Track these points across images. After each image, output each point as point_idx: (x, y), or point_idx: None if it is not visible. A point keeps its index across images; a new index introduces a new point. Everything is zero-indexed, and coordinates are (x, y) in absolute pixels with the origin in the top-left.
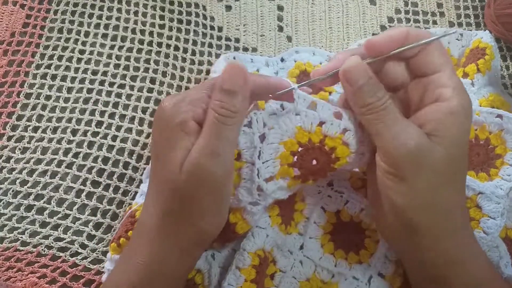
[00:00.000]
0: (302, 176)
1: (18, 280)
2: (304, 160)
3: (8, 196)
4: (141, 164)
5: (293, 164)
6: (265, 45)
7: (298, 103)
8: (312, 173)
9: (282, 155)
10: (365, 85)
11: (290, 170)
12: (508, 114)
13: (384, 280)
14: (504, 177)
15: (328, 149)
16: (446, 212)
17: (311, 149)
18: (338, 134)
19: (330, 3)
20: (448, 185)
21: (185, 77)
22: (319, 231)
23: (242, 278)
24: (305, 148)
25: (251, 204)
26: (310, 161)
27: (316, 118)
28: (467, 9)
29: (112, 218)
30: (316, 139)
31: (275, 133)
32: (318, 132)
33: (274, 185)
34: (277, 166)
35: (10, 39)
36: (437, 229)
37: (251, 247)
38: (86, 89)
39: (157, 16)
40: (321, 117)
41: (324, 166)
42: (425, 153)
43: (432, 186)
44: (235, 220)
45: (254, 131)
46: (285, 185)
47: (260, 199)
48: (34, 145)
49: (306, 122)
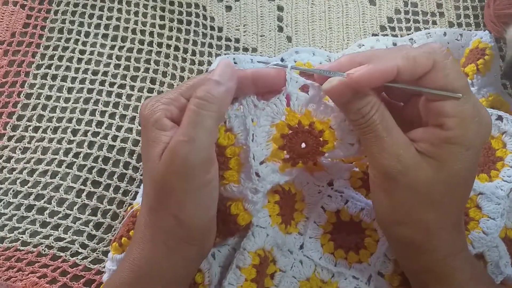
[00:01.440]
0: (291, 159)
1: (18, 280)
2: (293, 143)
3: (8, 196)
4: (141, 164)
5: (283, 147)
6: (265, 45)
7: (290, 85)
8: (301, 155)
9: (274, 138)
10: (348, 103)
11: (280, 153)
12: (507, 115)
13: (384, 279)
14: (505, 178)
15: (317, 132)
16: (422, 231)
17: (300, 132)
18: (326, 119)
19: (330, 3)
20: (427, 206)
21: (185, 77)
22: (319, 230)
23: (242, 277)
24: (295, 131)
25: (251, 192)
26: (299, 144)
27: (306, 101)
28: (466, 9)
29: (112, 218)
30: (306, 121)
31: (266, 116)
32: (308, 114)
33: (266, 168)
34: (269, 149)
35: (11, 39)
36: (415, 244)
37: (252, 247)
38: (86, 89)
39: (157, 16)
40: (311, 99)
41: (313, 149)
42: (404, 173)
43: (406, 205)
44: (237, 211)
45: (245, 114)
46: (277, 168)
47: (258, 185)
48: (35, 145)
49: (296, 104)
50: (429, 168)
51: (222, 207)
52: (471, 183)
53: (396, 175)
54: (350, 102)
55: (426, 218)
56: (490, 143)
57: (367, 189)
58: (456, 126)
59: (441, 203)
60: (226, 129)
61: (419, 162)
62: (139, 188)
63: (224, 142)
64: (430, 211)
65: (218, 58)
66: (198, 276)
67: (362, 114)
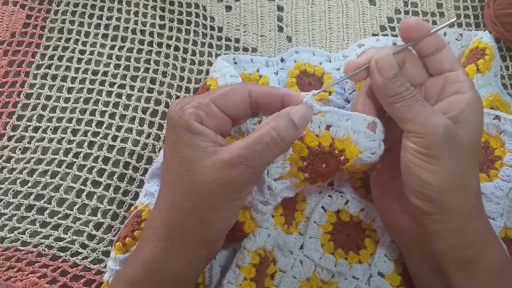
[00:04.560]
0: (311, 179)
1: (18, 280)
2: (314, 165)
3: (8, 196)
4: (141, 164)
5: (303, 169)
6: (265, 45)
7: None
8: (321, 175)
9: (291, 158)
10: (395, 76)
11: (300, 174)
12: (505, 115)
13: (384, 279)
14: (504, 178)
15: (337, 152)
16: (473, 194)
17: (321, 154)
18: (346, 136)
19: (330, 3)
20: (473, 168)
21: (185, 77)
22: (319, 230)
23: (241, 276)
24: (315, 153)
25: (262, 203)
26: (320, 165)
27: (323, 122)
28: (466, 9)
29: (112, 218)
30: (326, 142)
31: None
32: (326, 135)
33: (282, 184)
34: (286, 167)
35: (11, 39)
36: (465, 210)
37: (252, 246)
38: (86, 89)
39: (157, 16)
40: (328, 121)
41: (333, 168)
42: (455, 136)
43: (462, 168)
44: (243, 219)
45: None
46: (293, 185)
47: (270, 198)
48: (35, 145)
49: (314, 126)
50: (465, 132)
51: None
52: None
53: (453, 135)
54: (396, 75)
55: (475, 180)
56: (488, 142)
57: (367, 189)
58: (470, 89)
59: (477, 165)
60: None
61: (456, 128)
62: (139, 188)
63: None
64: (475, 174)
65: (219, 58)
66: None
67: (406, 87)
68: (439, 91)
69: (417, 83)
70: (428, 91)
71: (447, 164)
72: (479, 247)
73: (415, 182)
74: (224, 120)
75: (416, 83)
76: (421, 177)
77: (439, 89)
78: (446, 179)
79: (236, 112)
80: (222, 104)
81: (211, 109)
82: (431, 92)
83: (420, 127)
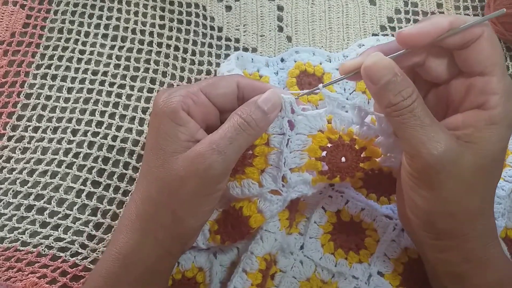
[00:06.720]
0: (329, 172)
1: (18, 280)
2: (333, 155)
3: (8, 196)
4: (141, 164)
5: (322, 158)
6: (265, 45)
7: (330, 104)
8: (340, 170)
9: (310, 148)
10: (388, 83)
11: (318, 163)
12: None
13: (383, 279)
14: (506, 178)
15: (358, 148)
16: (468, 219)
17: (341, 146)
18: (369, 139)
19: (330, 3)
20: (473, 194)
21: (185, 77)
22: (319, 231)
23: (248, 282)
24: (335, 145)
25: (271, 192)
26: (339, 158)
27: (349, 121)
28: (467, 9)
29: (112, 218)
30: (347, 138)
31: (305, 124)
32: (350, 133)
33: (298, 177)
34: (304, 158)
35: (10, 39)
36: (459, 234)
37: (260, 251)
38: (86, 89)
39: (157, 16)
40: (355, 121)
41: (353, 164)
42: (452, 162)
43: (456, 195)
44: (249, 213)
45: (282, 114)
46: (310, 179)
47: (283, 189)
48: (34, 145)
49: (339, 123)
50: (471, 154)
51: (232, 210)
52: (503, 163)
53: (446, 165)
54: (389, 82)
55: (472, 206)
56: None
57: (367, 189)
58: (499, 103)
59: (483, 188)
60: None
61: (461, 149)
62: None
63: (256, 141)
64: (474, 198)
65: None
66: (199, 276)
67: (403, 97)
68: (462, 97)
69: (441, 81)
70: (452, 94)
71: (437, 192)
72: (476, 264)
73: (408, 199)
74: (211, 110)
75: (440, 81)
76: (412, 197)
77: (462, 95)
78: (434, 205)
79: (224, 102)
80: (210, 93)
81: (199, 97)
82: (454, 96)
83: (414, 151)
